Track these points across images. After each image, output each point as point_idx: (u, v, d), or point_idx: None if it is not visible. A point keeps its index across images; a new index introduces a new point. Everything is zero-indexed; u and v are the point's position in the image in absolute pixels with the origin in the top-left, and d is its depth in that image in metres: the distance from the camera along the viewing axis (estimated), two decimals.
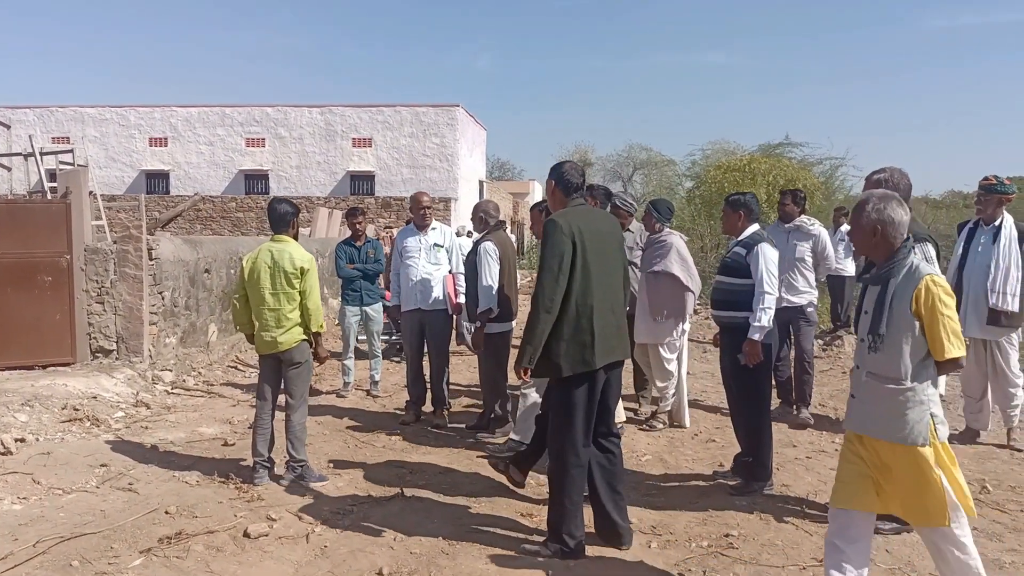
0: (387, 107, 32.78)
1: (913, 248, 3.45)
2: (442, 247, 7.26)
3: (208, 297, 10.30)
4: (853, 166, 39.77)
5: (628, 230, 7.17)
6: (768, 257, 5.20)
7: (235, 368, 10.19)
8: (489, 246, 6.42)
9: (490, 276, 6.32)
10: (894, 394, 3.36)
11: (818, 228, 7.21)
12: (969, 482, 5.42)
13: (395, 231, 12.63)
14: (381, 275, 8.77)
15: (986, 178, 6.43)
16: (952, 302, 3.28)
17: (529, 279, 20.63)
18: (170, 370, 9.04)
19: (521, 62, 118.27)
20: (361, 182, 32.85)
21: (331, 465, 5.97)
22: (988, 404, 6.67)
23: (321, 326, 5.53)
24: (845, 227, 12.19)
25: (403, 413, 7.52)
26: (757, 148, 29.12)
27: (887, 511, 3.52)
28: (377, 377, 8.60)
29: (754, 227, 5.39)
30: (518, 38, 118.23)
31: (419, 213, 7.25)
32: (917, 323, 3.30)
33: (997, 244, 6.28)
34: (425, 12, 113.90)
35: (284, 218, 5.52)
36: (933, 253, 4.46)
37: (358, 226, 8.45)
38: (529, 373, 4.23)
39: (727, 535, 4.62)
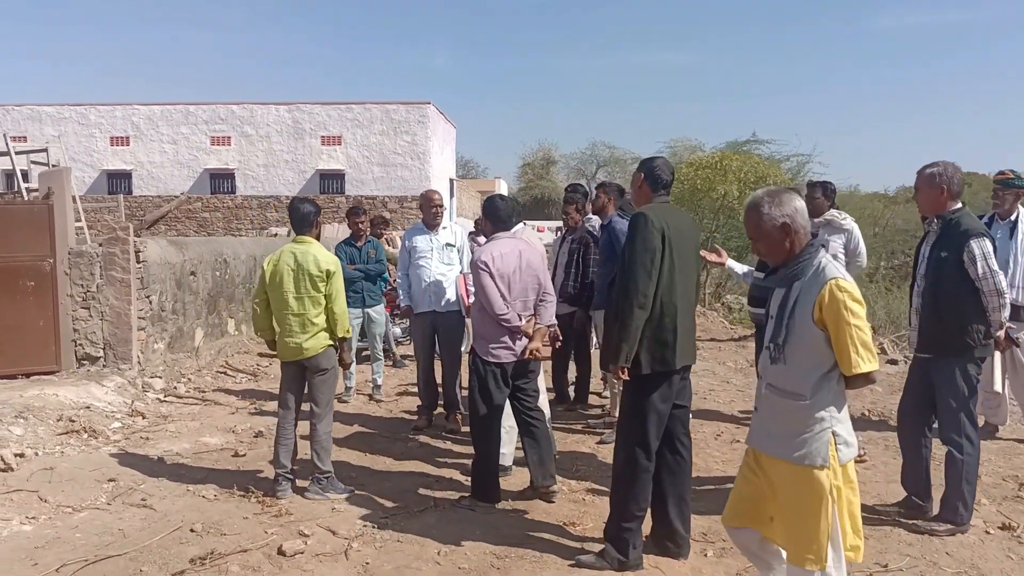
0: (357, 104, 32.32)
1: (821, 246, 3.13)
2: (454, 247, 7.04)
3: (194, 300, 9.96)
4: (820, 163, 40.23)
5: None
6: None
7: (224, 374, 9.85)
8: None
9: None
10: (793, 410, 3.07)
11: (850, 223, 7.10)
12: (1004, 479, 5.44)
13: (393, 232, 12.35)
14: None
15: (1002, 172, 6.40)
16: (861, 309, 2.93)
17: None
18: (160, 377, 8.70)
19: (480, 60, 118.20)
20: (331, 181, 32.36)
21: (352, 475, 5.72)
22: (1006, 399, 6.65)
23: (347, 331, 5.30)
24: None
25: (414, 418, 7.29)
26: (725, 145, 29.27)
27: (774, 538, 3.27)
28: (379, 381, 8.36)
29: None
30: (476, 36, 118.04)
31: (431, 211, 7.03)
32: (821, 332, 2.97)
33: (1015, 239, 6.24)
34: (383, 8, 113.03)
35: (307, 218, 5.27)
36: (990, 247, 4.36)
37: (360, 225, 8.19)
38: (627, 372, 4.05)
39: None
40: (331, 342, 5.27)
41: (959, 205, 4.50)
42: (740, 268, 5.58)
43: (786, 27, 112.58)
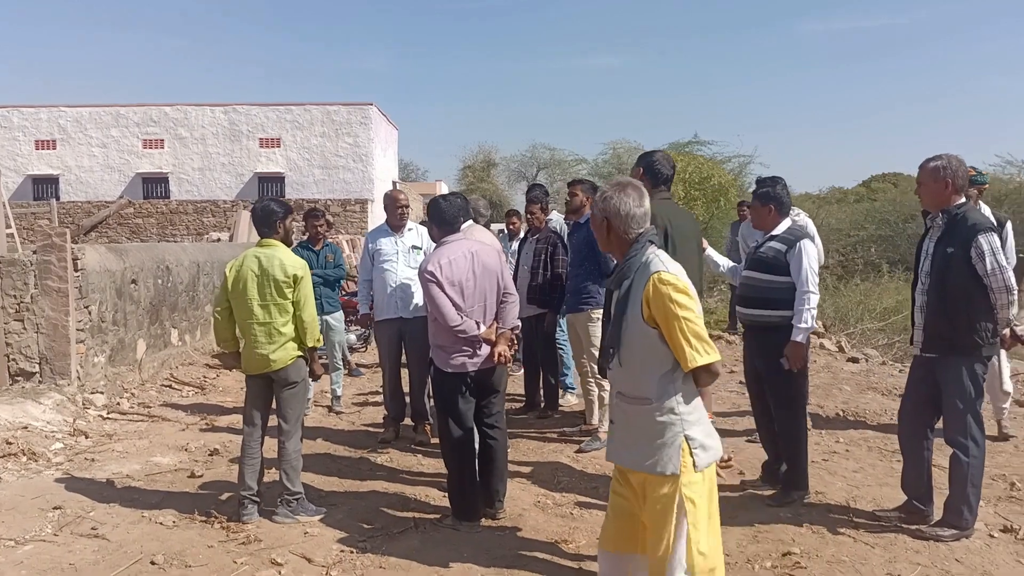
0: (296, 106, 31.54)
1: (650, 242, 2.97)
2: (420, 249, 6.71)
3: (136, 310, 9.41)
4: (760, 163, 40.90)
5: None
6: (811, 255, 4.88)
7: (170, 387, 9.32)
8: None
9: None
10: (642, 416, 2.90)
11: (804, 217, 6.99)
12: (993, 479, 5.34)
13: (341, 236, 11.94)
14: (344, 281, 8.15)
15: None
16: (689, 300, 2.78)
17: None
18: (101, 392, 8.16)
19: (417, 63, 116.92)
20: (270, 184, 31.47)
21: (321, 495, 5.35)
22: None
23: (318, 340, 4.94)
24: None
25: (379, 431, 6.94)
26: (668, 146, 29.51)
27: (645, 552, 3.03)
28: (339, 392, 7.97)
29: (788, 221, 5.08)
30: (413, 39, 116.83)
31: (396, 212, 6.68)
32: (654, 330, 2.83)
33: None
34: (316, 9, 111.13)
35: (270, 218, 4.90)
36: (998, 243, 4.22)
37: (318, 228, 7.80)
38: None
39: (788, 553, 4.27)
40: (300, 353, 4.90)
41: (963, 199, 4.36)
42: (723, 262, 5.37)
43: (719, 31, 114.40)
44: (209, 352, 11.13)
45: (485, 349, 4.72)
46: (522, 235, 8.35)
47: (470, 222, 5.54)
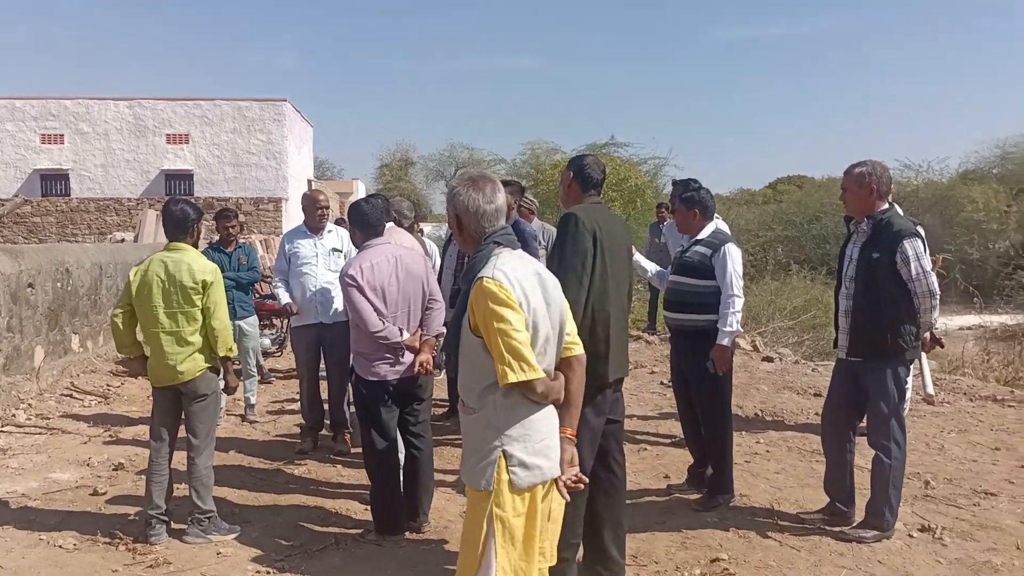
0: (205, 101, 30.58)
1: (496, 243, 2.81)
2: (341, 251, 6.48)
3: (33, 316, 8.86)
4: (675, 165, 41.65)
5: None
6: (736, 259, 4.90)
7: (70, 397, 8.80)
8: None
9: None
10: (468, 425, 2.80)
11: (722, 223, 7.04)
12: (908, 478, 5.44)
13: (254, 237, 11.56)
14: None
15: None
16: (508, 311, 2.57)
17: None
18: None
19: (331, 60, 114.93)
20: (178, 182, 30.44)
21: (234, 511, 5.09)
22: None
23: (231, 349, 4.68)
24: (670, 221, 12.55)
25: (296, 441, 6.68)
26: (585, 147, 29.79)
27: None
28: (253, 400, 7.66)
29: (712, 225, 5.08)
30: (326, 35, 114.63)
31: (316, 213, 6.44)
32: (478, 339, 2.67)
33: None
34: (225, 3, 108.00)
35: (183, 223, 4.63)
36: (922, 248, 4.29)
37: (230, 229, 7.48)
38: None
39: (716, 559, 4.25)
40: (210, 364, 4.63)
41: (887, 205, 4.42)
42: (650, 267, 5.34)
43: (633, 36, 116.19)
44: (113, 359, 10.60)
45: (409, 357, 4.59)
46: (446, 237, 8.21)
47: (391, 224, 5.38)
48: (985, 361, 11.52)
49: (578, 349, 2.94)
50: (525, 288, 2.70)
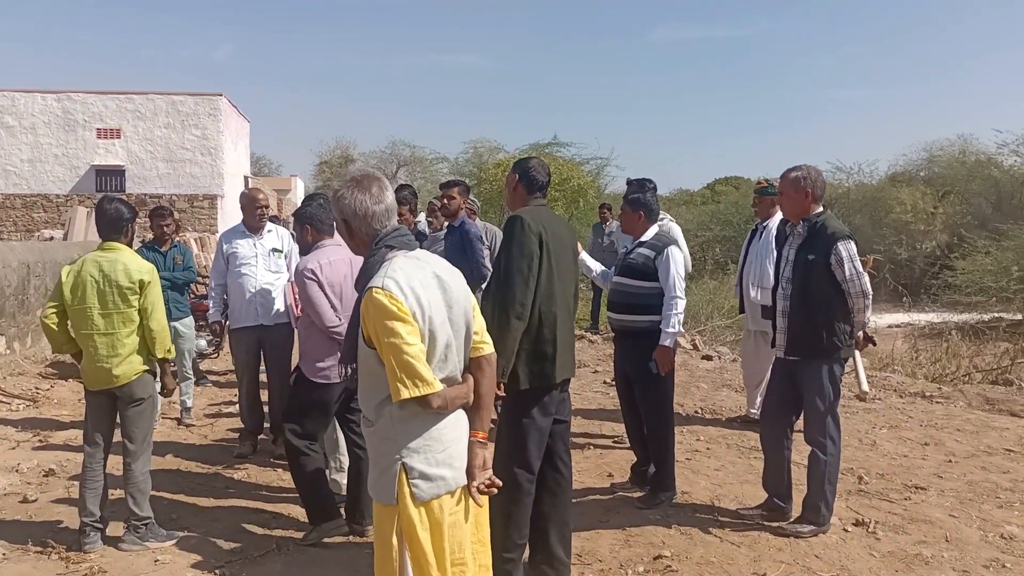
0: (138, 95, 29.68)
1: (388, 247, 2.69)
2: (282, 252, 6.39)
3: None
4: (616, 165, 42.02)
5: None
6: (678, 261, 4.98)
7: None
8: None
9: None
10: (369, 437, 2.73)
11: (669, 222, 7.16)
12: (842, 473, 5.59)
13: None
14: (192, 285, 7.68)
15: (759, 182, 6.79)
16: (398, 324, 2.47)
17: None
18: None
19: (267, 54, 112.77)
20: (109, 177, 29.50)
21: (173, 517, 4.98)
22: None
23: (169, 351, 4.57)
24: (615, 224, 12.77)
25: (234, 445, 6.55)
26: (528, 147, 29.90)
27: None
28: (189, 403, 7.48)
29: (655, 227, 5.15)
30: (261, 29, 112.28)
31: (255, 213, 6.33)
32: (372, 351, 2.57)
33: (763, 240, 6.58)
34: None
35: (117, 223, 4.49)
36: (855, 250, 4.41)
37: (165, 228, 7.30)
38: (503, 387, 3.69)
39: (659, 556, 4.31)
40: (147, 367, 4.52)
41: (821, 208, 4.53)
42: (595, 267, 5.38)
43: (576, 35, 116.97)
44: (41, 361, 10.27)
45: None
46: None
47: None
48: (914, 358, 11.89)
49: (487, 348, 2.83)
50: (419, 295, 2.56)
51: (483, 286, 5.73)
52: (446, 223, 6.67)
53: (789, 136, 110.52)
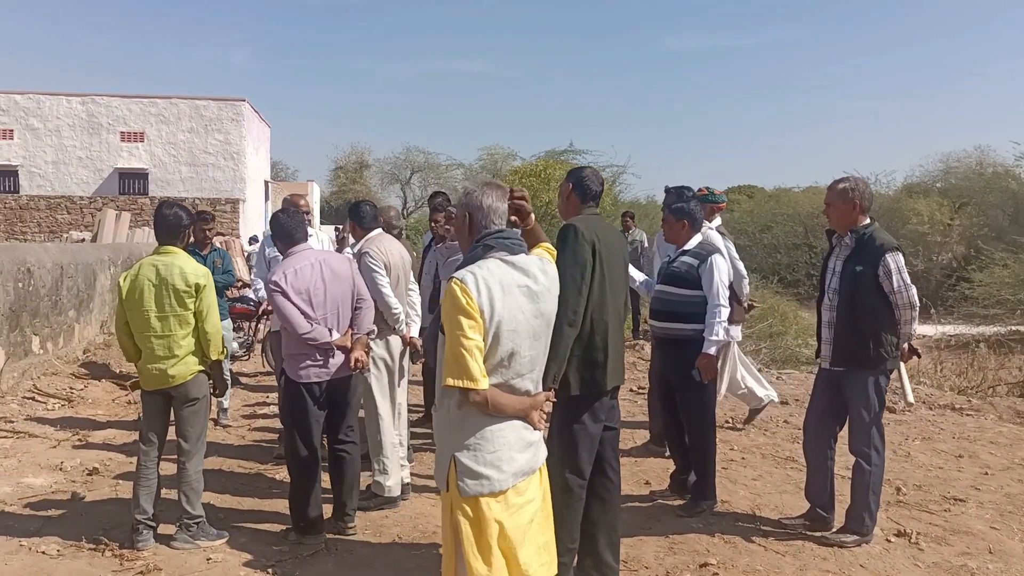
0: (161, 99, 30.00)
1: (489, 246, 2.80)
2: None
3: None
4: (633, 173, 42.10)
5: None
6: (722, 269, 5.02)
7: (33, 400, 8.61)
8: None
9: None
10: (434, 422, 2.88)
11: (716, 233, 7.18)
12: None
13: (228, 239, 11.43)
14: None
15: (700, 189, 6.85)
16: (461, 317, 2.58)
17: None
18: None
19: (285, 60, 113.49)
20: (132, 180, 29.81)
21: (219, 517, 5.05)
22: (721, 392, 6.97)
23: (222, 353, 4.66)
24: (639, 232, 12.79)
25: (272, 446, 6.64)
26: (544, 154, 30.00)
27: None
28: (226, 404, 7.58)
29: (699, 236, 5.20)
30: (277, 34, 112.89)
31: None
32: (443, 336, 2.71)
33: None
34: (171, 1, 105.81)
35: (176, 228, 4.58)
36: (903, 261, 4.44)
37: (208, 232, 7.40)
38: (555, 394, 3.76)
39: (705, 564, 4.35)
40: (202, 367, 4.61)
41: (868, 220, 4.57)
42: (637, 276, 5.42)
43: (586, 42, 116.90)
44: (73, 361, 10.40)
45: (339, 357, 4.68)
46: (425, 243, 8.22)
47: (379, 230, 5.44)
48: (938, 370, 11.86)
49: None
50: (494, 297, 2.66)
51: None
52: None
53: (799, 145, 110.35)
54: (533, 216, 3.28)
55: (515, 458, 2.75)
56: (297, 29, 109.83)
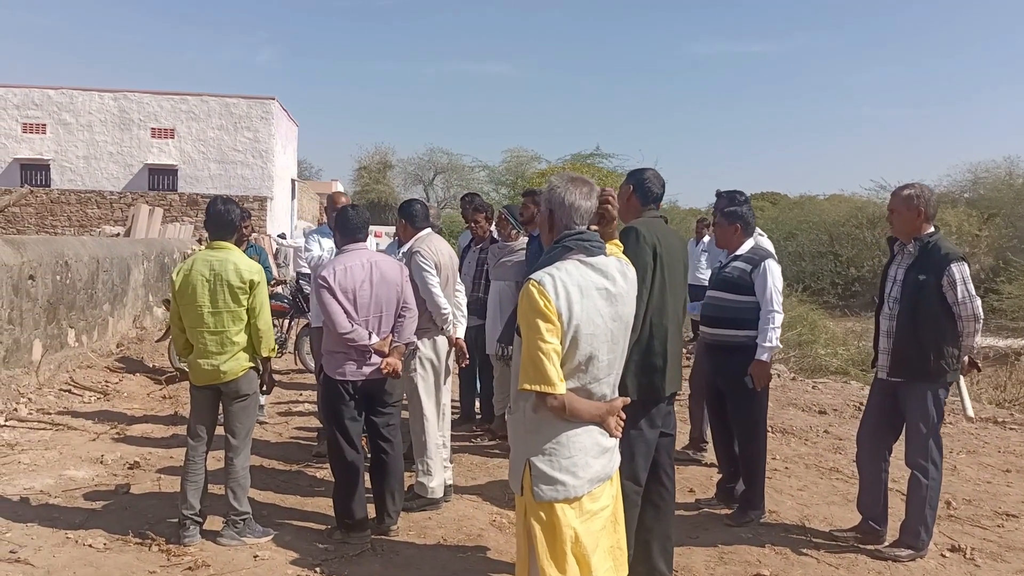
0: (192, 96, 30.22)
1: (569, 247, 2.75)
2: None
3: (33, 308, 8.71)
4: None
5: None
6: (776, 274, 4.95)
7: (69, 392, 8.67)
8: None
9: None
10: (508, 425, 2.83)
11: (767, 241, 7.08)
12: None
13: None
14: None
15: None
16: (538, 320, 2.56)
17: None
18: None
19: (310, 59, 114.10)
20: (162, 176, 30.05)
21: (263, 514, 5.03)
22: None
23: (273, 350, 4.65)
24: (707, 238, 12.67)
25: (311, 444, 6.62)
26: (570, 157, 29.93)
27: None
28: (263, 401, 7.57)
29: (752, 241, 5.13)
30: (302, 34, 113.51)
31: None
32: (519, 338, 2.67)
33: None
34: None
35: (229, 224, 4.58)
36: (968, 272, 4.34)
37: (245, 229, 7.40)
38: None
39: (757, 575, 4.28)
40: (252, 364, 4.60)
41: (932, 228, 4.48)
42: None
43: (610, 47, 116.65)
44: (107, 354, 10.47)
45: (376, 360, 4.64)
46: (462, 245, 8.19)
47: (428, 230, 5.41)
48: (975, 382, 11.68)
49: None
50: (572, 300, 2.62)
51: None
52: (513, 232, 6.75)
53: (824, 153, 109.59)
54: (616, 223, 3.20)
55: (591, 464, 2.71)
56: (322, 29, 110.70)
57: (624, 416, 2.88)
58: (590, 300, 2.67)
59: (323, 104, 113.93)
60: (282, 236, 20.28)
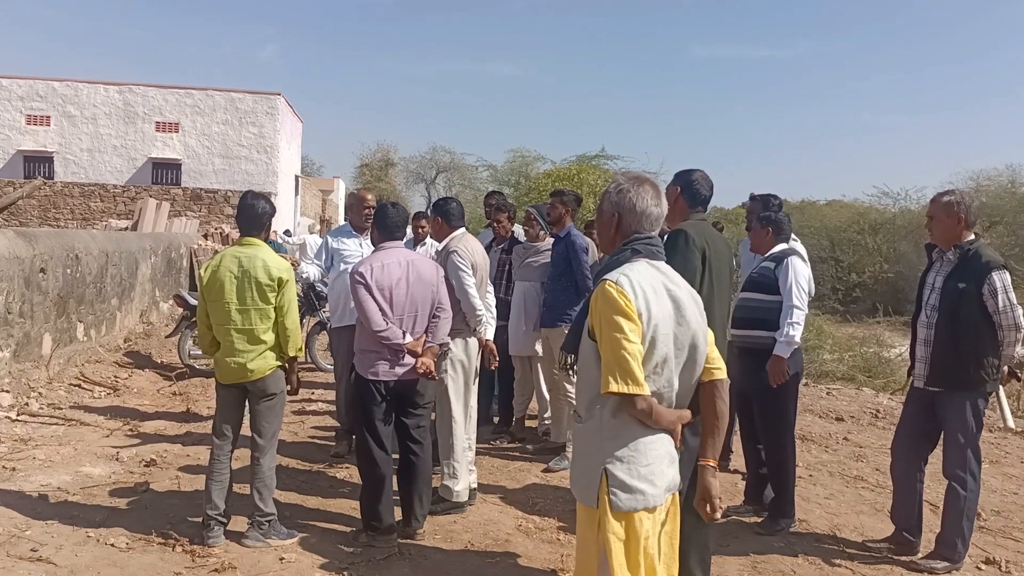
0: (197, 90, 30.07)
1: (637, 250, 2.68)
2: None
3: (43, 301, 8.63)
4: (665, 180, 41.74)
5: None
6: (798, 270, 4.85)
7: (79, 387, 8.58)
8: None
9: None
10: (577, 434, 2.72)
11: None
12: None
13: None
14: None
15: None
16: (622, 320, 2.47)
17: None
18: (7, 391, 7.43)
19: (313, 55, 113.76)
20: (165, 170, 29.92)
21: (286, 515, 4.94)
22: None
23: (300, 349, 4.57)
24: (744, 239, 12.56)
25: (328, 444, 6.54)
26: (576, 158, 29.82)
27: None
28: None
29: (784, 245, 5.05)
30: (307, 30, 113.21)
31: (362, 213, 6.32)
32: (593, 343, 2.58)
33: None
34: None
35: (260, 219, 4.50)
36: (1009, 280, 4.27)
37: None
38: None
39: None
40: (279, 362, 4.52)
41: (973, 235, 4.41)
42: None
43: (615, 48, 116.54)
44: (116, 349, 10.38)
45: (409, 360, 4.56)
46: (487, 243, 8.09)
47: (462, 229, 5.35)
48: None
49: (720, 373, 2.79)
50: (649, 300, 2.56)
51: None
52: (541, 232, 6.65)
53: (826, 158, 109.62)
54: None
55: (666, 472, 2.64)
56: (325, 26, 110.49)
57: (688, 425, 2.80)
58: (662, 301, 2.60)
59: (325, 100, 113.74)
60: (287, 233, 20.17)
